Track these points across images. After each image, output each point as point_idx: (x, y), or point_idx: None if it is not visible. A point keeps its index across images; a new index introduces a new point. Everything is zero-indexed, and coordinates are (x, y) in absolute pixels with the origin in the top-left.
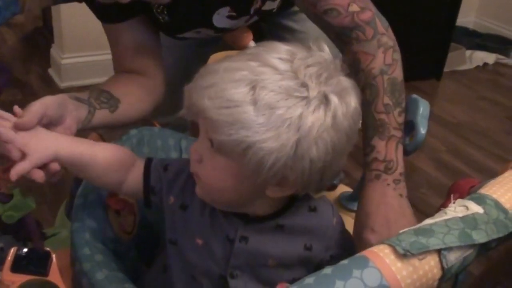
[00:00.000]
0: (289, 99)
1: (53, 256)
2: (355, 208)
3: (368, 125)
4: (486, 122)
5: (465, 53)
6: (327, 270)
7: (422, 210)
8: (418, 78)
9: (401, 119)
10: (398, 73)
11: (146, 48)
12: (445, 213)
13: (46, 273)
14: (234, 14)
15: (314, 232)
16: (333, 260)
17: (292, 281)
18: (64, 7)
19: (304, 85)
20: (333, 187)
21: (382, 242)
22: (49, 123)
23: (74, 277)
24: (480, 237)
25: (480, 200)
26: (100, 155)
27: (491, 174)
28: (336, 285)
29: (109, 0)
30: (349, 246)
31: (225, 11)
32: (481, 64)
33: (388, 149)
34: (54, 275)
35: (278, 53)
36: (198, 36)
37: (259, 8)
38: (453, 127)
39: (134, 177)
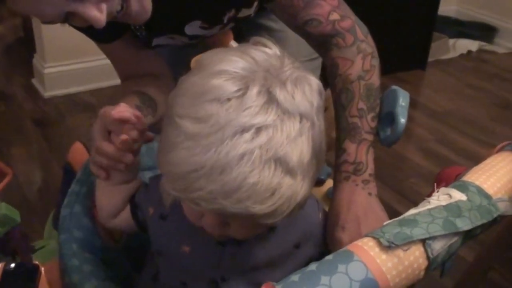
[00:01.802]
0: None
1: (42, 269)
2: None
3: (341, 128)
4: (473, 110)
5: (448, 42)
6: (312, 266)
7: (412, 200)
8: (403, 69)
9: (374, 124)
10: (375, 79)
11: (145, 53)
12: (429, 202)
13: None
14: (206, 25)
15: (302, 229)
16: (323, 256)
17: None
18: None
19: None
20: (320, 183)
21: (366, 235)
22: None
23: None
24: (464, 225)
25: (463, 188)
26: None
27: (480, 161)
28: (321, 281)
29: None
30: None
31: (197, 23)
32: (465, 52)
33: (359, 152)
34: None
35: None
36: (173, 42)
37: (234, 16)
38: (440, 116)
39: (128, 208)
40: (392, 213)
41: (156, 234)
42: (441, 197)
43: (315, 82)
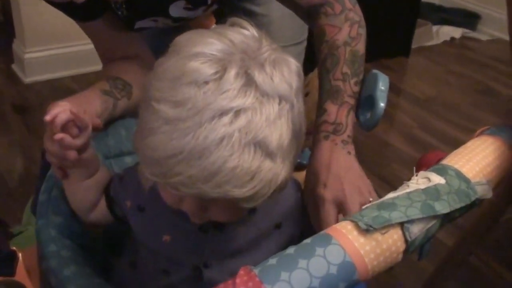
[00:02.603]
0: None
1: (20, 255)
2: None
3: (324, 90)
4: (455, 96)
5: (432, 28)
6: (290, 250)
7: (394, 186)
8: (386, 56)
9: (356, 89)
10: (360, 46)
11: (129, 34)
12: (408, 186)
13: (12, 273)
14: (190, 6)
15: (282, 209)
16: (304, 235)
17: None
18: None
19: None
20: (302, 167)
21: (344, 219)
22: None
23: (42, 274)
24: (442, 208)
25: (442, 171)
26: (100, 169)
27: None
28: (299, 265)
29: (63, 0)
30: None
31: (181, 3)
32: (448, 39)
33: (339, 114)
34: (21, 275)
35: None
36: (156, 25)
37: None
38: (423, 103)
39: (103, 201)
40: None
41: (136, 226)
42: (420, 181)
43: (294, 63)
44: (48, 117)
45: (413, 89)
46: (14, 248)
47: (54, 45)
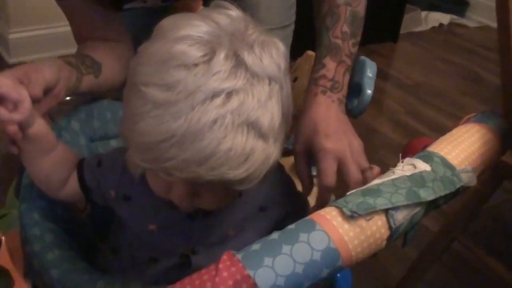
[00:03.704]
0: None
1: (3, 238)
2: (314, 173)
3: (323, 46)
4: (442, 82)
5: (420, 14)
6: (274, 235)
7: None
8: (375, 41)
9: (353, 50)
10: (361, 8)
11: (105, 16)
12: (393, 172)
13: None
14: None
15: (266, 192)
16: (288, 218)
17: None
18: None
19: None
20: (289, 152)
21: (329, 205)
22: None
23: (26, 258)
24: (427, 195)
25: (428, 158)
26: (59, 146)
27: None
28: (283, 250)
29: None
30: (301, 202)
31: None
32: (436, 25)
33: (337, 72)
34: (4, 258)
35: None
36: (145, 5)
37: None
38: (410, 89)
39: (73, 182)
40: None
41: (121, 215)
42: (406, 168)
43: (281, 45)
44: None
45: (401, 75)
46: None
47: (39, 26)
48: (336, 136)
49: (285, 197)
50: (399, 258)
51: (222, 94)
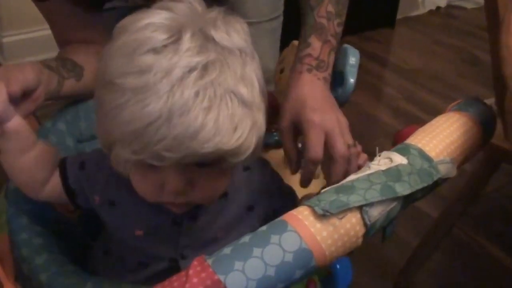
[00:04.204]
0: None
1: None
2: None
3: (308, 25)
4: (441, 66)
5: None
6: (245, 238)
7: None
8: (371, 28)
9: (339, 30)
10: None
11: (85, 18)
12: (369, 167)
13: None
14: None
15: (253, 191)
16: (276, 215)
17: None
18: None
19: None
20: (281, 144)
21: (302, 204)
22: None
23: (15, 263)
24: (403, 189)
25: (405, 151)
26: (39, 144)
27: None
28: (253, 253)
29: None
30: (290, 197)
31: None
32: (433, 8)
33: (323, 51)
34: None
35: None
36: (126, 4)
37: None
38: (408, 74)
39: (55, 182)
40: None
41: (107, 220)
42: (382, 161)
43: (244, 23)
44: None
45: (398, 61)
46: None
47: (32, 28)
48: (323, 110)
49: (273, 195)
50: (399, 246)
51: (198, 67)
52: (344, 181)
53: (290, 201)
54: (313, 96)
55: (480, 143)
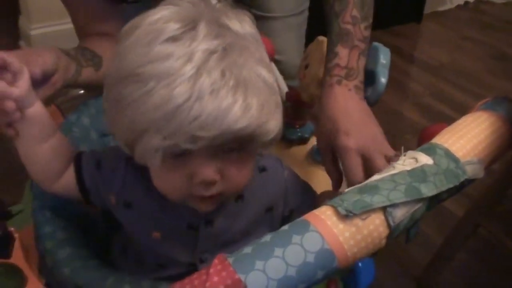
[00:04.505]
0: None
1: (16, 236)
2: None
3: (333, 34)
4: (469, 63)
5: None
6: (267, 237)
7: None
8: (398, 23)
9: (366, 33)
10: None
11: (107, 11)
12: (393, 167)
13: (8, 255)
14: None
15: (271, 191)
16: (294, 214)
17: None
18: None
19: None
20: (304, 140)
21: (325, 204)
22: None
23: (39, 255)
24: (428, 190)
25: (431, 150)
26: (57, 134)
27: None
28: (275, 253)
29: None
30: (308, 195)
31: None
32: (462, 3)
33: (351, 58)
34: (17, 257)
35: None
36: None
37: None
38: (436, 70)
39: (69, 177)
40: None
41: (124, 221)
42: (407, 162)
43: (251, 15)
44: None
45: (425, 57)
46: (12, 228)
47: (60, 21)
48: (357, 131)
49: (291, 194)
50: (423, 244)
51: (219, 50)
52: (368, 181)
53: (308, 199)
54: (345, 115)
55: (509, 143)
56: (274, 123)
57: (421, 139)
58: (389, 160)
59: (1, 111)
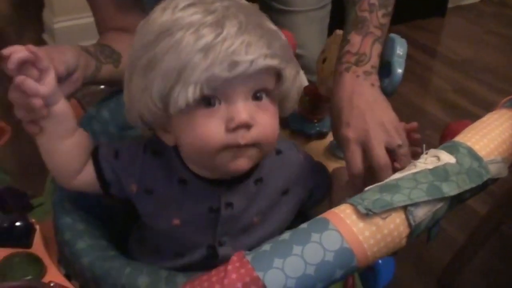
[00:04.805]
0: None
1: (37, 227)
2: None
3: (349, 22)
4: (494, 58)
5: None
6: (285, 235)
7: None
8: (421, 17)
9: (384, 20)
10: None
11: (128, 5)
12: (415, 165)
13: (29, 245)
14: None
15: (287, 175)
16: (313, 197)
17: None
18: None
19: None
20: (323, 135)
21: (344, 202)
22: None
23: (58, 246)
24: (450, 190)
25: (453, 149)
26: (79, 131)
27: None
28: (293, 251)
29: None
30: (324, 176)
31: None
32: None
33: (363, 44)
34: (37, 247)
35: None
36: None
37: None
38: (459, 65)
39: (88, 172)
40: None
41: (144, 210)
42: (429, 160)
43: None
44: (5, 52)
45: (449, 51)
46: (33, 220)
47: (83, 14)
48: (358, 121)
49: (306, 176)
50: (445, 242)
51: (234, 5)
52: (388, 180)
53: (323, 178)
54: (349, 103)
55: None
56: (291, 72)
57: (444, 136)
58: (397, 148)
59: (29, 108)
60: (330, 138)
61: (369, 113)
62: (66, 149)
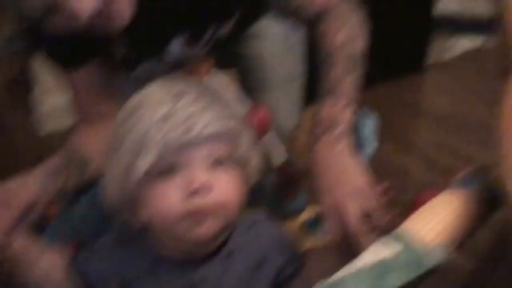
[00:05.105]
0: None
1: None
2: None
3: (322, 91)
4: (475, 112)
5: (447, 41)
6: None
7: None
8: (400, 74)
9: (352, 88)
10: (358, 46)
11: (104, 92)
12: (361, 258)
13: None
14: (190, 39)
15: (260, 247)
16: (289, 264)
17: None
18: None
19: None
20: (296, 214)
21: None
22: None
23: None
24: (392, 283)
25: (398, 238)
26: (46, 254)
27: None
28: None
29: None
30: (292, 253)
31: (180, 40)
32: (465, 50)
33: (334, 110)
34: None
35: None
36: (153, 74)
37: (215, 33)
38: (440, 122)
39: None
40: None
41: None
42: (376, 249)
43: None
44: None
45: (429, 108)
46: None
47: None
48: (330, 190)
49: (280, 246)
50: None
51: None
52: (335, 276)
53: (292, 256)
54: (322, 172)
55: (480, 220)
56: (247, 139)
57: (412, 208)
58: (370, 214)
59: None
60: (304, 217)
61: (344, 180)
62: (40, 274)
